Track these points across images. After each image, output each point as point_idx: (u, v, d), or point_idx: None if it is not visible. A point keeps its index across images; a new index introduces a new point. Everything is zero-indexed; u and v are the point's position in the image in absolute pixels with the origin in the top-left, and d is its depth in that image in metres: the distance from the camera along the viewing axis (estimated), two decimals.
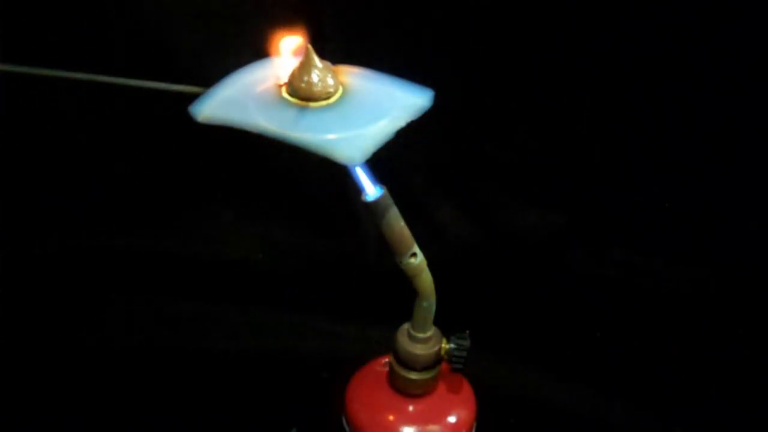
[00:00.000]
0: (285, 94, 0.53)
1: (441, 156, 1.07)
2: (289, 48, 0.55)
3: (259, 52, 0.55)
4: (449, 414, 0.70)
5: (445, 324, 0.67)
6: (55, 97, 0.96)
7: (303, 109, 0.52)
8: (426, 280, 0.63)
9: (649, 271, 1.04)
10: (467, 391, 0.73)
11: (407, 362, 0.67)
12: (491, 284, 1.02)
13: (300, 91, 0.52)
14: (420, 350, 0.66)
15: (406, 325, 0.67)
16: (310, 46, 0.52)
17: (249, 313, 0.97)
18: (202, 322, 0.96)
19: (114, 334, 0.93)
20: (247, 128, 0.51)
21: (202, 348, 0.92)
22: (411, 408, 0.70)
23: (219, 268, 1.03)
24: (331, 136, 0.50)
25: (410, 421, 0.69)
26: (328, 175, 1.03)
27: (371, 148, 0.50)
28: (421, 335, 0.66)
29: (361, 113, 0.52)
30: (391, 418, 0.69)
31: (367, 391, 0.72)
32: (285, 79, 0.53)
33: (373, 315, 0.94)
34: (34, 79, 0.57)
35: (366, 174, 0.57)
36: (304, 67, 0.52)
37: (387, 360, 0.71)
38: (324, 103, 0.52)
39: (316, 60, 0.52)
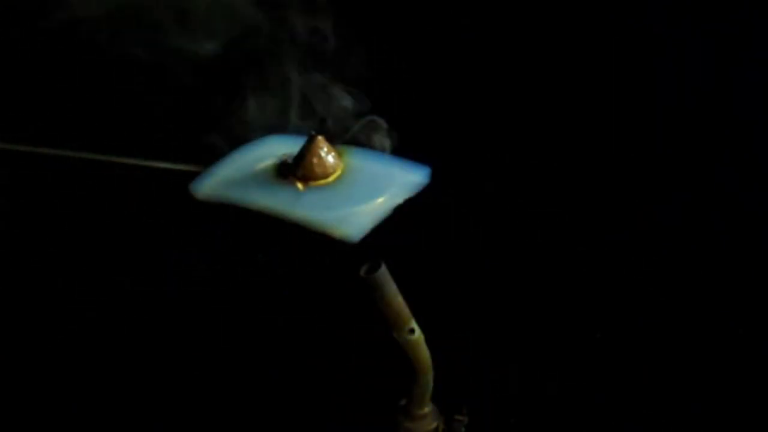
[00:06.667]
0: (286, 174, 0.54)
1: (442, 155, 1.06)
2: None
3: None
4: None
5: (446, 324, 0.67)
6: None
7: (303, 188, 0.54)
8: (424, 354, 0.62)
9: (650, 271, 1.03)
10: None
11: None
12: (491, 284, 1.01)
13: (301, 172, 0.54)
14: (418, 427, 0.66)
15: (403, 402, 0.67)
16: (320, 138, 0.53)
17: (249, 314, 0.97)
18: (201, 321, 0.96)
19: (117, 334, 0.93)
20: (247, 206, 0.53)
21: (201, 348, 0.92)
22: None
23: (219, 269, 1.03)
24: (329, 215, 0.52)
25: None
26: None
27: (368, 225, 0.51)
28: (419, 412, 0.66)
29: (360, 191, 0.54)
30: None
31: None
32: (285, 157, 0.54)
33: (373, 318, 0.93)
34: None
35: None
36: (308, 151, 0.53)
37: None
38: (323, 182, 0.54)
39: (321, 144, 0.53)
